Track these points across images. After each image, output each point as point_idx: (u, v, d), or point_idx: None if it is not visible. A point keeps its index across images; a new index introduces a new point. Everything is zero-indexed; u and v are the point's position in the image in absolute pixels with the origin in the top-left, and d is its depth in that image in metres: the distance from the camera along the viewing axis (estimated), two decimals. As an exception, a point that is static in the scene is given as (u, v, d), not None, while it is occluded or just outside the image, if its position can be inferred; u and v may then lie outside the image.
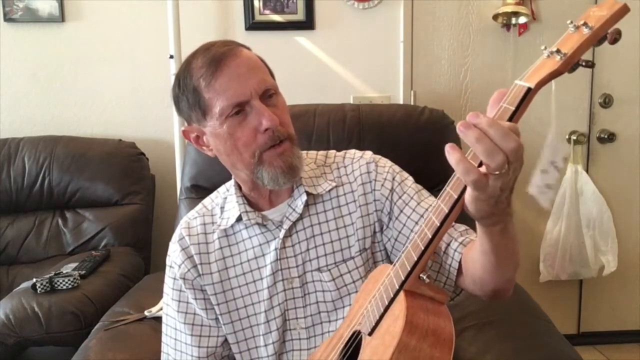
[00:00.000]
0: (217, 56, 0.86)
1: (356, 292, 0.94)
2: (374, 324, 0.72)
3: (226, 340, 0.95)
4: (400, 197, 0.95)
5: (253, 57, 0.90)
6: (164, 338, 0.98)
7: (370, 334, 0.72)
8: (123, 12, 2.02)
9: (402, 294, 0.69)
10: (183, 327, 0.95)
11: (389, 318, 0.70)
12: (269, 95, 0.88)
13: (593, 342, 2.32)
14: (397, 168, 1.00)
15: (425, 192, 0.98)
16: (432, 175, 1.62)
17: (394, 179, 0.97)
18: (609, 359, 2.23)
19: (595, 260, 2.13)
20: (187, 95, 0.89)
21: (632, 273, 2.29)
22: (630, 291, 2.31)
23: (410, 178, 1.00)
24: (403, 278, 0.68)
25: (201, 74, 0.86)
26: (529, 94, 0.59)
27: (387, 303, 0.70)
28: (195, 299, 0.94)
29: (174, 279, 0.96)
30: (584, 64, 0.57)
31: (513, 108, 0.58)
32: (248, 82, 0.85)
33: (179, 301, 0.95)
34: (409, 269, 0.68)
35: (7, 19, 2.00)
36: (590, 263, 2.12)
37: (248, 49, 0.92)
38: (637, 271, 2.29)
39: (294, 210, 0.94)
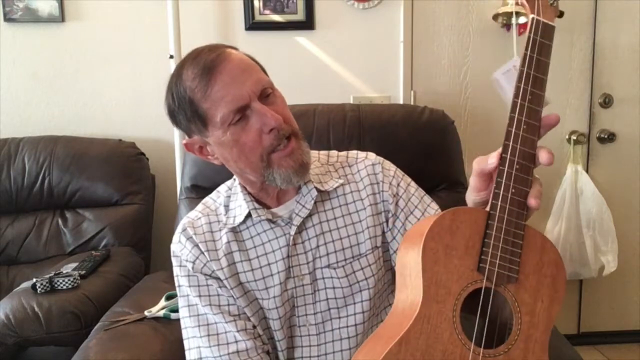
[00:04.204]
0: (207, 64, 0.84)
1: (367, 288, 0.94)
2: (517, 268, 0.70)
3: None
4: (406, 204, 0.97)
5: (243, 58, 0.89)
6: (188, 344, 0.92)
7: (515, 280, 0.70)
8: (123, 12, 2.02)
9: (525, 228, 0.71)
10: (214, 317, 0.91)
11: (529, 255, 0.71)
12: (266, 94, 0.87)
13: (593, 342, 2.32)
14: (400, 172, 1.01)
15: (427, 199, 1.01)
16: (432, 175, 1.63)
17: (398, 184, 0.98)
18: (609, 359, 2.23)
19: (595, 260, 2.13)
20: (184, 108, 0.87)
21: (632, 273, 2.29)
22: (630, 291, 2.31)
23: (413, 183, 1.01)
24: (525, 212, 0.71)
25: (195, 85, 0.84)
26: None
27: (520, 242, 0.70)
28: (220, 287, 0.92)
29: (188, 276, 0.93)
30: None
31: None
32: (244, 85, 0.84)
33: (201, 295, 0.92)
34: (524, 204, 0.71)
35: (7, 19, 2.00)
36: (590, 263, 2.12)
37: (235, 49, 0.91)
38: (637, 271, 2.30)
39: (303, 206, 0.93)
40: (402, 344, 0.67)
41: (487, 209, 0.71)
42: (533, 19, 0.73)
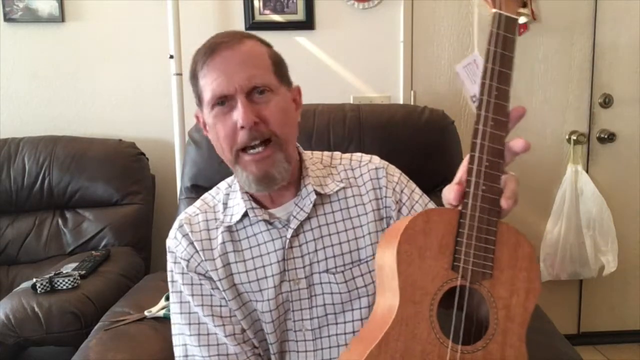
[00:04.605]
0: (213, 45, 0.86)
1: (367, 295, 0.92)
2: (491, 264, 0.71)
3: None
4: (409, 212, 0.95)
5: (252, 52, 0.87)
6: (176, 339, 0.93)
7: (490, 276, 0.71)
8: (123, 12, 2.02)
9: (498, 224, 0.71)
10: (205, 318, 0.91)
11: (503, 250, 0.71)
12: (259, 92, 0.85)
13: (593, 342, 2.32)
14: (404, 178, 0.99)
15: (431, 206, 0.98)
16: (432, 175, 1.63)
17: (402, 191, 0.96)
18: (609, 359, 2.23)
19: (595, 260, 2.13)
20: (191, 79, 0.90)
21: (632, 273, 2.29)
22: (630, 291, 2.31)
23: (418, 189, 0.99)
24: (498, 209, 0.71)
25: (198, 60, 0.87)
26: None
27: (493, 239, 0.70)
28: (213, 288, 0.92)
29: (182, 273, 0.92)
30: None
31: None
32: (234, 76, 0.83)
33: (193, 295, 0.92)
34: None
35: (7, 19, 2.00)
36: (590, 263, 2.12)
37: (257, 41, 0.90)
38: (637, 271, 2.30)
39: (301, 209, 0.91)
40: (381, 346, 0.68)
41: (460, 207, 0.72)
42: (495, 13, 0.72)
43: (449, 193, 0.72)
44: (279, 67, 0.91)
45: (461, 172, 0.73)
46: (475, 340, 0.71)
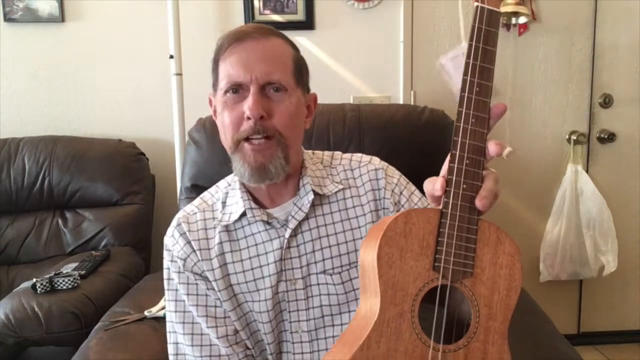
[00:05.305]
0: (240, 34, 0.87)
1: None
2: (472, 263, 0.70)
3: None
4: None
5: (276, 49, 0.88)
6: (170, 337, 0.93)
7: (470, 275, 0.70)
8: (123, 12, 2.02)
9: (479, 222, 0.70)
10: (199, 318, 0.91)
11: (484, 248, 0.71)
12: (274, 89, 0.86)
13: (593, 342, 2.32)
14: (404, 180, 0.98)
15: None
16: (432, 175, 1.62)
17: (401, 193, 0.95)
18: (609, 359, 2.23)
19: (595, 260, 2.13)
20: (212, 61, 0.90)
21: (632, 273, 2.29)
22: (630, 291, 2.31)
23: (417, 192, 0.98)
24: (477, 207, 0.70)
25: (223, 44, 0.88)
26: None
27: (474, 237, 0.70)
28: (208, 288, 0.91)
29: (179, 272, 0.92)
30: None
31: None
32: (253, 67, 0.84)
33: (189, 294, 0.91)
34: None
35: (7, 19, 2.00)
36: (590, 263, 2.13)
37: (290, 43, 0.91)
38: (637, 271, 2.30)
39: (300, 209, 0.91)
40: (363, 350, 0.68)
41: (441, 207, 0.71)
42: (477, 6, 0.71)
43: (434, 183, 0.71)
44: (299, 70, 0.91)
45: (445, 169, 0.73)
46: (457, 338, 0.71)
